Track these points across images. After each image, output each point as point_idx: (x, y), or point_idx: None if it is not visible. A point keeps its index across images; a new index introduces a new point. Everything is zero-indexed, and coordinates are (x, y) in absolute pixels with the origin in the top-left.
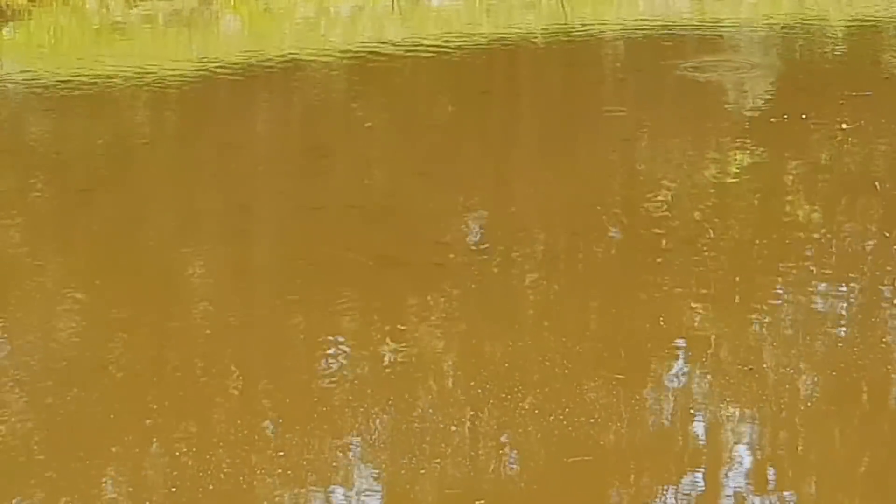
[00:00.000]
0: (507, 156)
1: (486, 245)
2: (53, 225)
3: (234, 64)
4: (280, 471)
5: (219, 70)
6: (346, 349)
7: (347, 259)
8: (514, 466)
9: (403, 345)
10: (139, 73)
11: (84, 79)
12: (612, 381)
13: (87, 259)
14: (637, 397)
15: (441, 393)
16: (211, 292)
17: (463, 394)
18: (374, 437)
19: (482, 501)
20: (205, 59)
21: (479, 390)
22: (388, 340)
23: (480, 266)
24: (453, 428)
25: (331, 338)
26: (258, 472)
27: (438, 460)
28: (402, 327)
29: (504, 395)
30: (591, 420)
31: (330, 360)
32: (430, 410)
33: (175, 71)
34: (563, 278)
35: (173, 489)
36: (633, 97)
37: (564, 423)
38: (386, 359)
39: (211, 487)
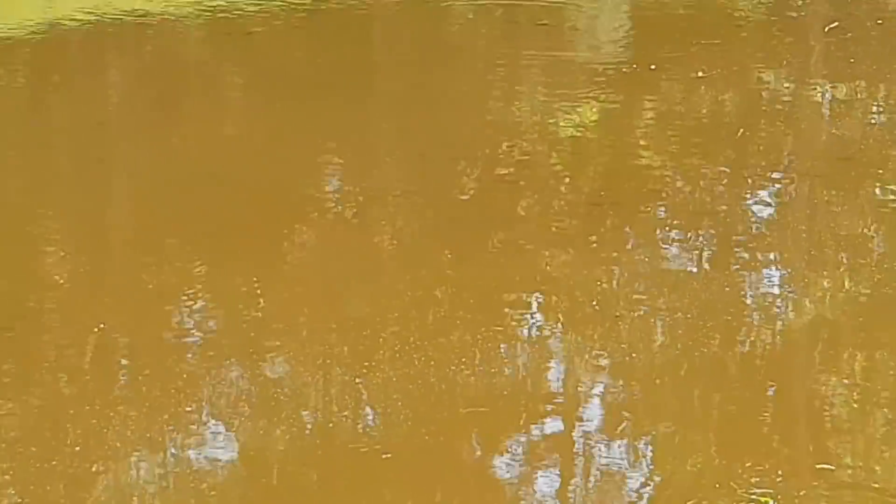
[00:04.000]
0: (363, 110)
1: (344, 196)
2: None
3: (84, 20)
4: (136, 430)
5: (68, 25)
6: (204, 304)
7: (203, 214)
8: (413, 420)
9: (261, 299)
10: None
11: None
12: (487, 331)
13: None
14: (513, 345)
15: (305, 348)
16: (65, 248)
17: (329, 347)
18: (259, 395)
19: (389, 455)
20: (54, 15)
21: (348, 343)
22: (244, 295)
23: (337, 217)
24: (317, 383)
25: (189, 293)
26: (114, 430)
27: (341, 415)
28: (258, 280)
29: (381, 349)
30: (482, 370)
31: (189, 316)
32: (297, 366)
33: (24, 28)
34: (419, 228)
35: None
36: (485, 49)
37: (454, 374)
38: (243, 314)
39: (64, 451)
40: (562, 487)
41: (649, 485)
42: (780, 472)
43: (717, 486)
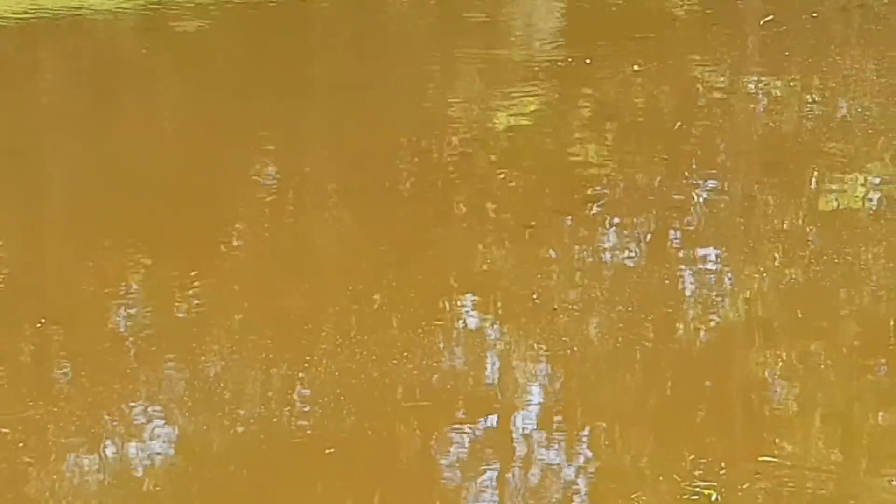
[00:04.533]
0: (299, 104)
1: (281, 191)
2: None
3: (18, 16)
4: (78, 426)
5: (1, 21)
6: (144, 300)
7: (139, 209)
8: (356, 414)
9: (201, 294)
10: None
11: None
12: (427, 325)
13: None
14: (453, 339)
15: (246, 343)
16: (3, 244)
17: (270, 341)
18: (200, 391)
19: (332, 450)
20: None
21: (290, 338)
22: (183, 290)
23: (274, 212)
24: (259, 378)
25: (128, 288)
26: (55, 426)
27: (283, 409)
28: (197, 275)
29: (323, 343)
30: (425, 364)
31: (129, 312)
32: (239, 361)
33: None
34: (357, 222)
35: None
36: (421, 43)
37: (395, 368)
38: (183, 309)
39: (7, 447)
40: (503, 480)
41: (592, 478)
42: (722, 465)
43: (661, 478)
